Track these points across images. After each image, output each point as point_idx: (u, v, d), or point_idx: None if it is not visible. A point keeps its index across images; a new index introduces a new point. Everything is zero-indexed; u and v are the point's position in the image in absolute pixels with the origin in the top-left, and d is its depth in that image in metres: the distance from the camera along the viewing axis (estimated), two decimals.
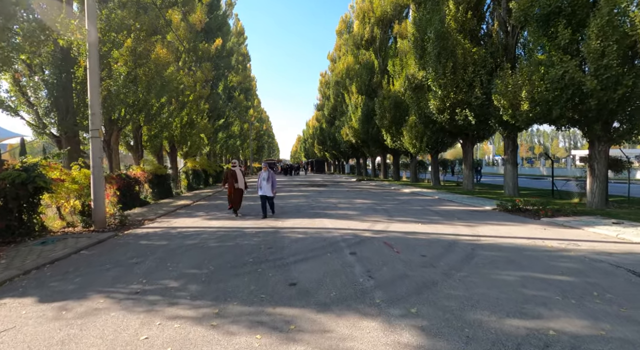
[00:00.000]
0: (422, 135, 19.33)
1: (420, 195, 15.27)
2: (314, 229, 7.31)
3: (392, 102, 22.04)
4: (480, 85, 12.84)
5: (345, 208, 10.83)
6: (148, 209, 12.08)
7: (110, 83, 13.78)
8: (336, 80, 40.27)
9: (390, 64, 22.81)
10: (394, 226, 7.61)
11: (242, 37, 45.27)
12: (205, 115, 29.27)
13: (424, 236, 6.60)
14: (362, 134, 28.40)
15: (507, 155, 14.03)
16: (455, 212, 9.95)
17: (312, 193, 16.80)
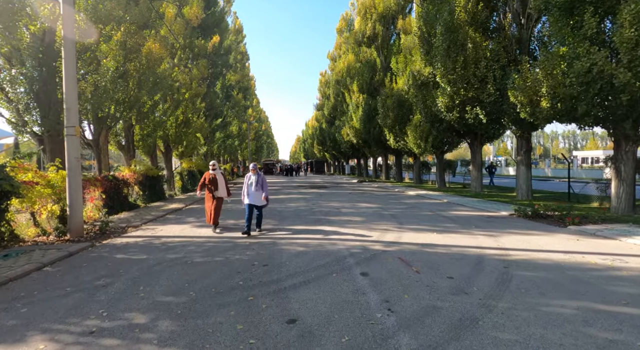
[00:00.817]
0: (428, 134, 18.47)
1: (427, 198, 14.39)
2: (316, 240, 6.42)
3: (395, 101, 21.18)
4: (493, 81, 11.98)
5: (349, 213, 9.95)
6: (136, 213, 11.18)
7: (97, 78, 12.85)
8: (336, 79, 39.40)
9: (393, 61, 21.96)
10: (407, 236, 6.73)
11: (240, 35, 44.40)
12: (202, 114, 28.38)
13: (444, 250, 5.71)
14: (363, 134, 27.52)
15: (520, 156, 13.17)
16: (470, 218, 9.08)
17: (312, 195, 15.92)
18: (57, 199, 8.41)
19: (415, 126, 18.81)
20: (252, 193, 7.25)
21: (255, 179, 7.29)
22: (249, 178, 7.38)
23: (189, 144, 24.96)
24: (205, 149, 33.66)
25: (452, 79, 12.67)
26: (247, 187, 7.34)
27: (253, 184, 7.24)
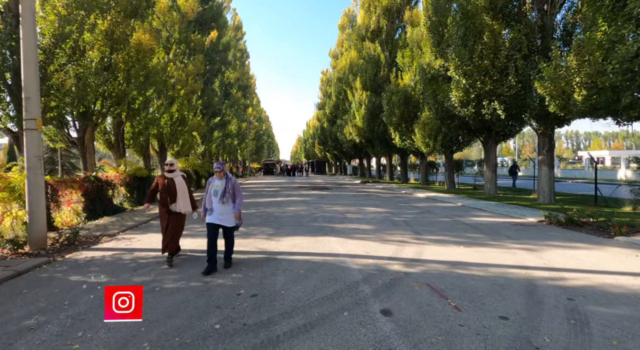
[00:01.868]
0: (437, 132, 17.31)
1: (440, 201, 13.22)
2: (320, 257, 5.25)
3: (401, 97, 20.01)
4: (514, 72, 10.81)
5: (356, 220, 8.79)
6: (118, 218, 10.07)
7: (79, 70, 11.71)
8: (338, 77, 38.26)
9: (399, 55, 20.79)
10: (429, 251, 5.57)
11: (239, 31, 43.35)
12: (199, 113, 27.28)
13: (480, 271, 4.56)
14: (367, 133, 26.34)
15: (542, 155, 11.99)
16: (495, 226, 7.91)
17: (313, 198, 14.77)
18: (24, 204, 7.30)
19: (423, 124, 17.64)
20: (216, 207, 4.74)
21: (222, 185, 4.74)
22: (211, 184, 4.88)
23: (184, 143, 23.86)
24: (203, 148, 32.55)
25: (468, 70, 11.50)
26: (209, 198, 4.82)
27: (218, 193, 4.71)
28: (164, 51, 21.89)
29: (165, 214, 5.16)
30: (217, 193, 4.71)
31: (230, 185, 4.80)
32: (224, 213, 4.75)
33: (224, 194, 4.70)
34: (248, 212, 10.53)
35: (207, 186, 4.94)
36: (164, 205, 5.15)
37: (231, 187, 4.80)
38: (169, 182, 5.16)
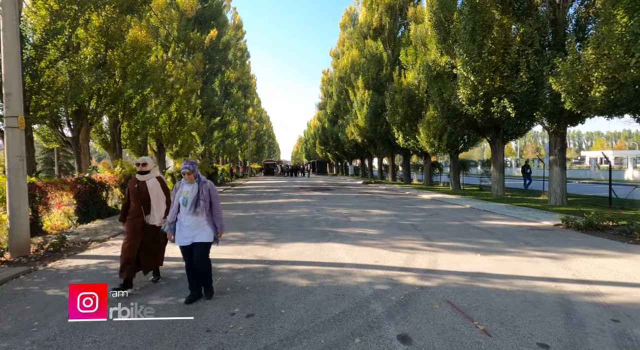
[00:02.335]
0: (442, 132, 16.82)
1: (446, 203, 12.72)
2: (324, 267, 4.77)
3: (404, 96, 19.53)
4: (526, 68, 10.31)
5: (361, 224, 8.30)
6: (111, 221, 9.61)
7: (72, 67, 11.27)
8: (339, 76, 37.79)
9: (402, 53, 20.33)
10: (444, 259, 5.08)
11: (240, 31, 42.91)
12: (198, 112, 26.86)
13: (505, 284, 4.07)
14: (369, 133, 25.87)
15: (554, 155, 11.49)
16: (509, 230, 7.42)
17: (315, 199, 14.29)
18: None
19: (427, 123, 17.15)
20: (187, 220, 3.58)
21: (193, 191, 3.60)
22: (178, 190, 3.69)
23: (184, 143, 23.43)
24: (203, 148, 32.15)
25: (477, 66, 11.01)
26: (177, 209, 3.66)
27: (189, 201, 3.57)
28: (162, 50, 21.47)
29: (138, 228, 4.00)
30: (187, 202, 3.55)
31: (205, 191, 3.62)
32: (197, 227, 3.59)
33: (197, 203, 3.54)
34: (247, 214, 10.06)
35: (174, 193, 3.70)
36: (135, 216, 4.01)
37: (206, 193, 3.61)
38: (140, 187, 4.06)
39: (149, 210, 4.09)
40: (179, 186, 3.73)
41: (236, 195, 17.20)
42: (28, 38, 10.82)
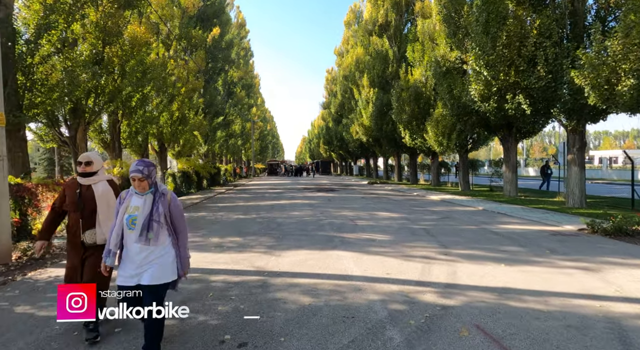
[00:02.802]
0: (451, 130, 16.21)
1: (457, 204, 12.12)
2: (330, 281, 4.22)
3: (412, 94, 18.94)
4: (544, 61, 9.69)
5: (369, 228, 7.75)
6: None
7: (67, 64, 10.84)
8: (344, 75, 37.24)
9: (409, 49, 19.72)
10: (465, 271, 4.52)
11: (243, 29, 42.52)
12: (201, 112, 26.47)
13: (540, 303, 3.50)
14: (374, 132, 25.28)
15: (572, 154, 10.86)
16: (530, 236, 6.83)
17: (319, 200, 13.76)
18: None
19: (436, 121, 16.55)
20: (132, 251, 2.44)
21: (144, 206, 2.45)
22: (124, 203, 2.50)
23: (186, 143, 23.03)
24: (206, 148, 31.77)
25: (491, 60, 10.40)
26: (120, 231, 2.48)
27: (138, 222, 2.42)
28: (163, 48, 21.10)
29: (77, 248, 2.97)
30: (136, 223, 2.39)
31: (163, 207, 2.45)
32: (148, 261, 2.40)
33: (149, 225, 2.38)
34: (248, 217, 9.55)
35: (117, 208, 2.52)
36: (75, 234, 2.95)
37: (164, 210, 2.44)
38: (84, 193, 2.95)
39: (93, 224, 2.95)
40: (125, 197, 2.50)
41: (238, 196, 16.74)
42: (22, 34, 10.42)
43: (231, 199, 15.54)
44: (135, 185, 2.43)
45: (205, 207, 12.32)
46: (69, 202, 2.98)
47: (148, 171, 2.43)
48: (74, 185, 3.03)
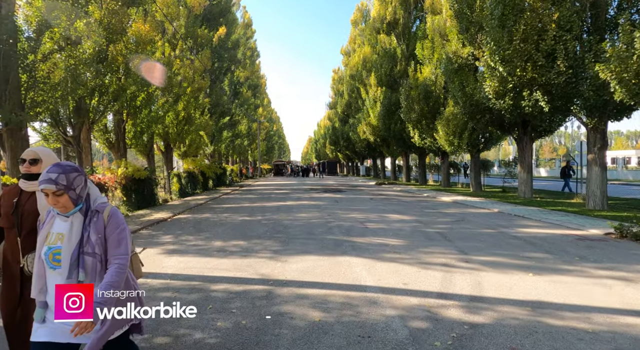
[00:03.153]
0: (462, 129, 15.70)
1: (471, 206, 11.64)
2: (341, 292, 3.84)
3: (421, 92, 18.46)
4: (564, 55, 9.19)
5: (380, 231, 7.34)
6: None
7: (70, 62, 10.65)
8: (351, 74, 36.82)
9: (418, 47, 19.26)
10: (490, 281, 4.10)
11: (249, 29, 42.36)
12: (207, 112, 26.30)
13: (582, 321, 3.08)
14: (382, 131, 24.81)
15: (592, 153, 10.31)
16: (554, 240, 6.36)
17: (326, 201, 13.37)
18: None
19: (447, 120, 16.05)
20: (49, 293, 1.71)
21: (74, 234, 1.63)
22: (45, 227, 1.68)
23: (192, 143, 22.82)
24: (212, 148, 31.61)
25: (507, 55, 9.91)
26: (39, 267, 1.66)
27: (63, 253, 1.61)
28: (169, 47, 20.95)
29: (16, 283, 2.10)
30: (60, 257, 1.62)
31: (97, 234, 1.64)
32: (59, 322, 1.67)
33: (80, 260, 1.61)
34: (253, 219, 9.21)
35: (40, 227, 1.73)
36: (12, 259, 2.13)
37: (97, 240, 1.64)
38: (24, 203, 2.12)
39: (28, 248, 2.02)
40: (46, 220, 1.71)
41: (243, 197, 16.44)
42: (24, 31, 10.26)
43: (236, 199, 15.25)
44: (50, 202, 1.58)
45: (210, 208, 12.03)
46: (3, 214, 2.15)
47: (68, 180, 1.57)
48: (13, 192, 2.18)
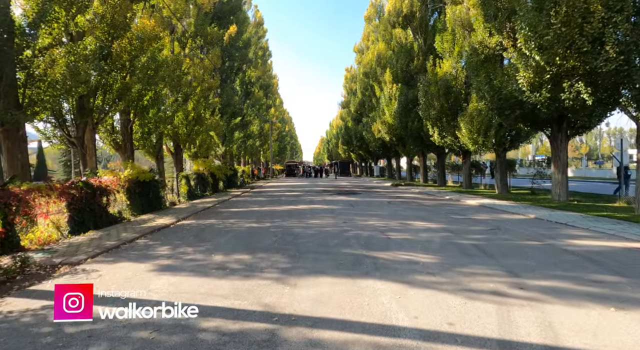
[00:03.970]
0: (488, 126, 14.52)
1: (501, 211, 10.51)
2: (367, 338, 2.87)
3: (441, 87, 17.33)
4: (614, 40, 8.01)
5: (406, 243, 6.37)
6: (105, 233, 8.24)
7: (71, 59, 10.08)
8: (364, 72, 35.77)
9: (437, 40, 18.11)
10: (561, 320, 3.11)
11: (261, 28, 41.78)
12: (217, 112, 25.74)
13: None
14: (398, 130, 23.71)
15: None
16: (619, 256, 5.26)
17: (341, 206, 12.45)
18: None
19: (470, 117, 14.89)
20: None
21: None
22: None
23: (202, 144, 22.26)
24: (224, 149, 31.09)
25: (545, 41, 8.78)
26: None
27: None
28: (179, 46, 20.44)
29: None
30: None
31: None
32: None
33: None
34: (261, 226, 8.38)
35: None
36: None
37: None
38: None
39: None
40: None
41: (253, 200, 15.67)
42: (23, 27, 9.68)
43: (246, 203, 14.50)
44: None
45: (217, 213, 11.28)
46: None
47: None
48: None
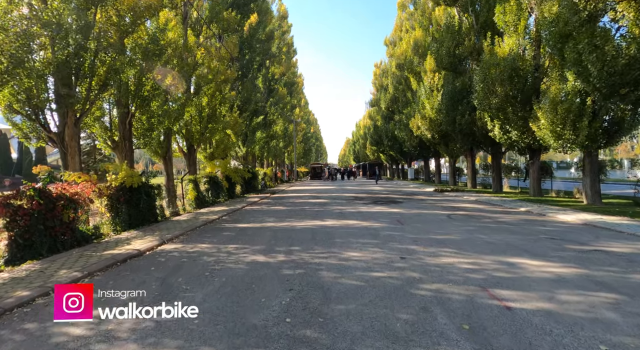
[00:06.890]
0: (579, 115, 10.83)
1: (627, 234, 6.93)
2: None
3: (504, 70, 13.73)
4: None
5: (554, 328, 3.16)
6: (58, 262, 5.59)
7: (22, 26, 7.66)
8: (397, 64, 32.31)
9: (498, 11, 14.53)
10: None
11: (285, 22, 39.29)
12: (236, 108, 23.29)
13: None
14: (443, 125, 20.13)
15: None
16: None
17: (383, 222, 9.28)
18: None
19: (553, 102, 11.25)
20: None
21: None
22: None
23: (219, 144, 19.80)
24: (245, 150, 28.69)
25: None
26: None
27: None
28: (193, 34, 18.09)
29: None
30: None
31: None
32: None
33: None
34: (271, 262, 5.40)
35: None
36: None
37: None
38: None
39: None
40: None
41: (270, 209, 12.82)
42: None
43: (260, 214, 11.65)
44: None
45: (217, 231, 8.47)
46: None
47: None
48: None
